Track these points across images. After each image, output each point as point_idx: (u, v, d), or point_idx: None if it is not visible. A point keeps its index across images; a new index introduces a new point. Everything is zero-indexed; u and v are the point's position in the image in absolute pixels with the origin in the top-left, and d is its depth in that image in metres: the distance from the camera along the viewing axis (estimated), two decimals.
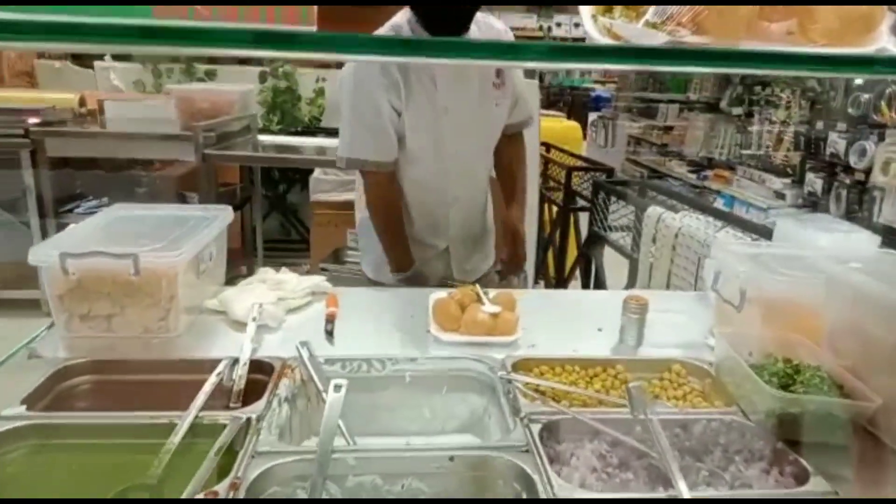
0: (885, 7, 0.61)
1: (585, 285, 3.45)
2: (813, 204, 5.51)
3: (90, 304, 1.37)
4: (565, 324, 1.59)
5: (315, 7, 0.56)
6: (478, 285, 1.61)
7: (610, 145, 9.91)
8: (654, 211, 2.51)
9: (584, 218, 3.68)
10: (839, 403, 1.09)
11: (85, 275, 1.34)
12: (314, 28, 0.54)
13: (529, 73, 6.05)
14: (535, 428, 1.08)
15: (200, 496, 0.88)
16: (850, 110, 5.21)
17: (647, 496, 1.00)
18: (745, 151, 6.92)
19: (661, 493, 0.97)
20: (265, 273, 1.72)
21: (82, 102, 4.39)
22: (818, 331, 1.28)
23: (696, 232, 2.19)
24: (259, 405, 1.13)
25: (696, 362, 1.35)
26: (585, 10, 0.58)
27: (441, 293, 1.60)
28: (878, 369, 1.14)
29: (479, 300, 1.53)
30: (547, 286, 3.32)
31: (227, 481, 0.91)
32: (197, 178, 3.64)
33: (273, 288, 1.62)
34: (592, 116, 10.73)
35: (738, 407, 1.19)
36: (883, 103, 4.96)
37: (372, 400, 1.30)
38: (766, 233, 2.05)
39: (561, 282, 3.97)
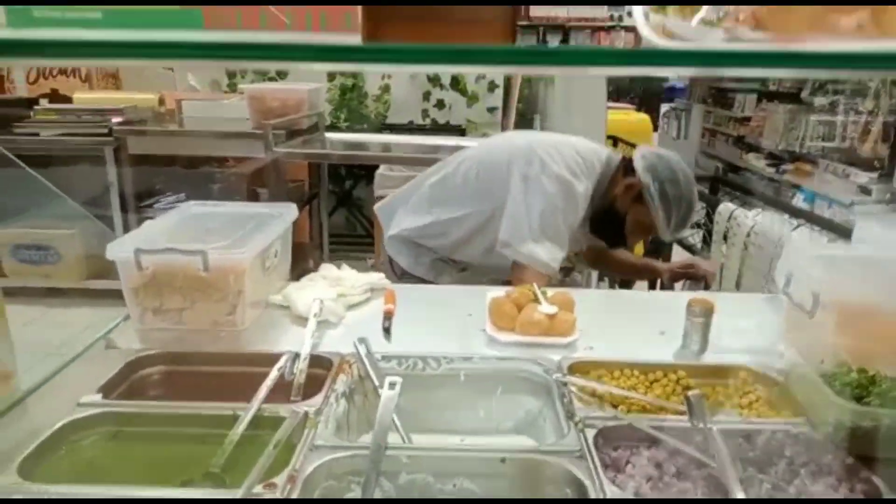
0: None
1: (651, 286, 3.35)
2: None
3: (162, 298, 1.44)
4: (625, 326, 1.56)
5: (359, 8, 0.56)
6: (535, 284, 1.59)
7: (683, 137, 9.58)
8: (725, 208, 2.42)
9: None
10: None
11: (158, 270, 1.41)
12: (358, 34, 0.54)
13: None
14: (590, 433, 1.07)
15: (259, 487, 0.91)
16: None
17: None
18: (827, 144, 6.56)
19: None
20: (326, 269, 1.76)
21: (161, 102, 4.62)
22: None
23: (770, 230, 2.09)
24: (317, 399, 1.16)
25: (764, 370, 1.29)
26: (638, 10, 0.56)
27: (498, 291, 1.59)
28: None
29: (536, 300, 1.51)
30: (611, 286, 3.26)
31: (285, 473, 0.94)
32: (267, 175, 3.76)
33: (333, 284, 1.66)
34: (665, 107, 10.41)
35: (807, 418, 1.13)
36: None
37: (427, 398, 1.31)
38: (845, 232, 1.94)
39: (626, 282, 3.87)
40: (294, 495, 0.92)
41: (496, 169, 1.97)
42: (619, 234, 2.02)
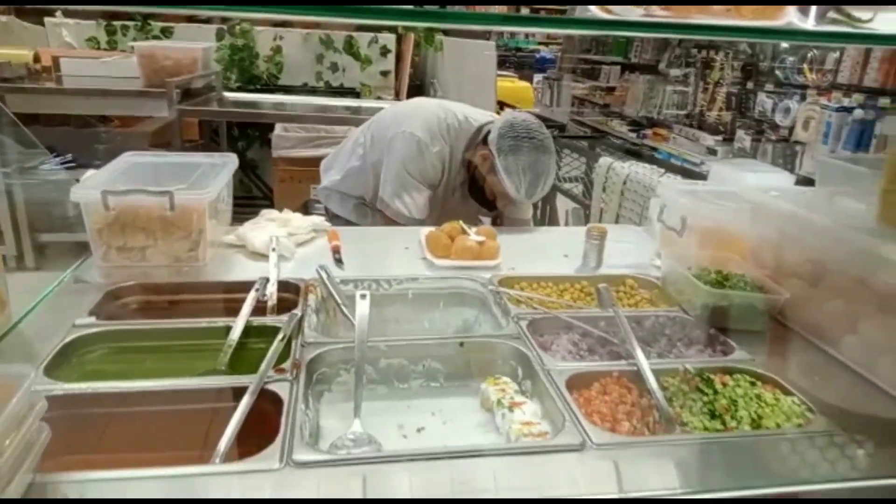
0: None
1: (542, 222, 3.75)
2: (741, 158, 5.97)
3: (126, 237, 1.54)
4: (537, 252, 1.86)
5: None
6: (461, 221, 1.86)
7: (555, 105, 10.21)
8: (604, 161, 2.81)
9: None
10: (756, 297, 1.41)
11: (123, 210, 1.51)
12: None
13: (484, 38, 6.21)
14: (524, 324, 1.35)
15: (272, 372, 1.11)
16: (777, 73, 5.65)
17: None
18: (681, 111, 7.35)
19: (623, 365, 1.24)
20: (269, 213, 1.92)
21: (37, 59, 4.34)
22: (746, 250, 1.59)
23: (643, 178, 2.49)
24: (298, 310, 1.35)
25: (645, 277, 1.65)
26: None
27: (429, 228, 1.84)
28: (788, 273, 1.45)
29: (465, 232, 1.78)
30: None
31: (289, 362, 1.14)
32: (166, 135, 3.72)
33: (282, 225, 1.83)
34: (537, 77, 11.00)
35: (680, 306, 1.49)
36: (805, 66, 5.41)
37: (381, 313, 1.54)
38: (702, 178, 2.36)
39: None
40: (301, 378, 1.12)
41: (382, 131, 2.23)
42: (486, 198, 2.18)
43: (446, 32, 6.40)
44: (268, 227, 1.79)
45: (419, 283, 1.58)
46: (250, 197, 5.44)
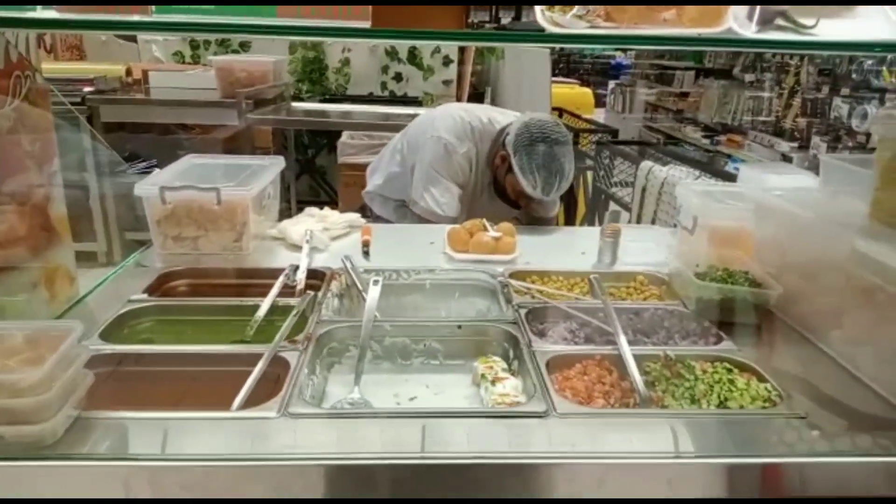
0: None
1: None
2: (816, 168, 5.75)
3: (181, 227, 1.76)
4: (556, 249, 1.96)
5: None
6: (484, 219, 1.97)
7: (628, 111, 10.11)
8: (645, 164, 2.85)
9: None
10: (747, 290, 1.45)
11: (178, 204, 1.73)
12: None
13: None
14: (523, 311, 1.46)
15: (285, 342, 1.27)
16: (853, 76, 5.43)
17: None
18: (756, 117, 7.14)
19: (607, 349, 1.32)
20: (311, 210, 2.11)
21: (128, 73, 4.79)
22: (749, 248, 1.63)
23: (677, 180, 2.52)
24: (319, 294, 1.51)
25: (657, 274, 1.71)
26: (537, 8, 0.93)
27: (454, 225, 1.97)
28: (788, 270, 1.49)
29: (485, 228, 1.89)
30: None
31: (302, 335, 1.30)
32: (238, 142, 4.03)
33: (319, 220, 2.01)
34: (611, 84, 10.92)
35: (680, 300, 1.55)
36: (884, 69, 5.18)
37: (400, 301, 1.68)
38: (734, 179, 2.37)
39: None
40: (309, 350, 1.27)
41: (415, 137, 2.39)
42: (508, 197, 2.27)
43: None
44: (306, 221, 1.97)
45: (436, 275, 1.71)
46: (317, 200, 5.76)
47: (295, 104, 4.75)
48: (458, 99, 5.53)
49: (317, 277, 1.66)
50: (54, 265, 1.45)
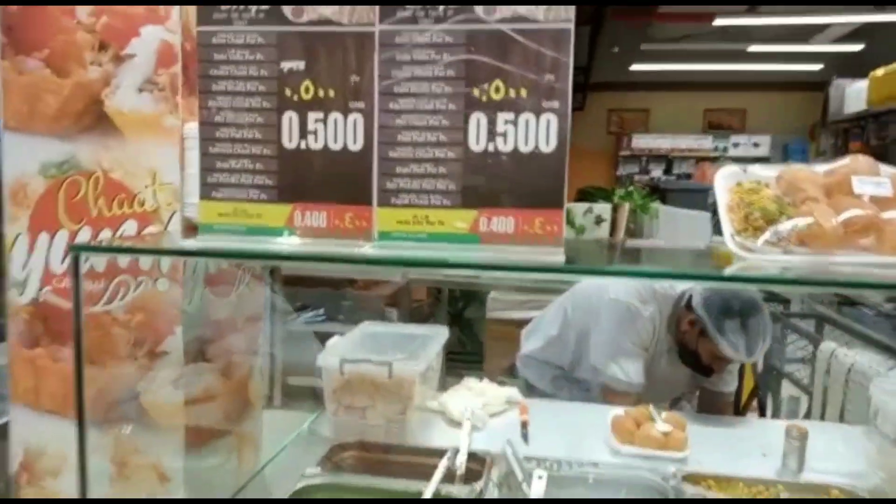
0: None
1: (762, 415, 3.46)
2: None
3: (353, 397, 1.86)
4: (731, 448, 1.80)
5: None
6: (651, 406, 1.88)
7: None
8: (827, 346, 2.60)
9: None
10: None
11: (353, 375, 1.84)
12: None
13: (703, 205, 6.22)
14: None
15: None
16: None
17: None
18: None
19: None
20: (468, 382, 2.14)
21: None
22: None
23: (868, 369, 2.27)
24: (479, 484, 1.50)
25: (854, 489, 1.50)
26: (727, 231, 0.94)
27: (617, 410, 1.90)
28: None
29: (652, 419, 1.80)
30: None
31: None
32: (400, 296, 4.28)
33: (478, 395, 2.03)
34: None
35: None
36: None
37: (560, 495, 1.61)
38: None
39: (737, 412, 3.96)
40: None
41: (585, 300, 2.37)
42: (702, 364, 2.16)
43: (664, 200, 6.54)
44: (466, 396, 2.00)
45: (600, 469, 1.63)
46: (465, 353, 5.84)
47: None
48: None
49: (476, 461, 1.65)
50: (246, 433, 1.58)
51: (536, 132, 0.91)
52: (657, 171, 11.46)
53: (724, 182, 0.99)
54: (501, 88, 0.91)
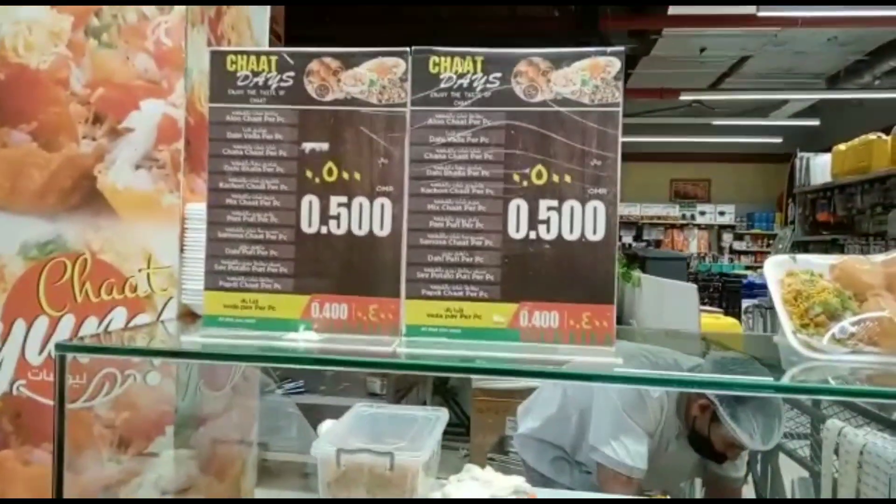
0: None
1: (761, 489, 3.35)
2: None
3: (349, 490, 1.71)
4: None
5: None
6: (667, 494, 1.77)
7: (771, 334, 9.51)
8: (833, 424, 2.53)
9: None
10: None
11: (350, 466, 1.70)
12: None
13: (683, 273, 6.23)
14: None
15: None
16: None
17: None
18: None
19: None
20: (474, 472, 2.00)
21: None
22: None
23: (884, 452, 2.19)
24: None
25: None
26: (787, 328, 0.87)
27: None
28: None
29: None
30: None
31: None
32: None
33: (484, 485, 1.89)
34: (746, 303, 10.47)
35: None
36: None
37: None
38: None
39: None
40: None
41: None
42: (714, 450, 2.05)
43: (643, 269, 6.57)
44: (472, 486, 1.86)
45: None
46: (449, 423, 5.65)
47: None
48: None
49: None
50: None
51: (583, 219, 0.84)
52: (628, 238, 11.69)
53: (774, 271, 0.93)
54: (544, 174, 0.85)
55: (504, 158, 0.86)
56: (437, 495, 1.87)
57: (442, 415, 2.03)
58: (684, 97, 8.29)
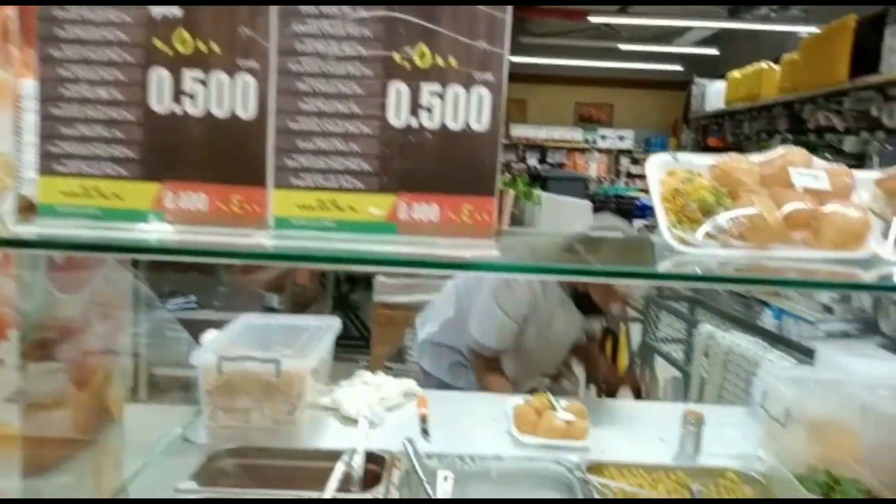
0: (869, 221, 0.88)
1: (637, 391, 3.62)
2: (861, 321, 5.54)
3: (234, 399, 1.66)
4: (630, 433, 1.81)
5: None
6: (549, 394, 1.85)
7: None
8: (704, 328, 2.74)
9: (635, 329, 3.89)
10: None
11: (233, 374, 1.64)
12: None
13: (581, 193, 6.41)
14: None
15: None
16: None
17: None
18: None
19: None
20: (364, 377, 2.00)
21: None
22: (859, 450, 1.48)
23: (746, 351, 2.40)
24: (379, 490, 1.38)
25: (748, 472, 1.55)
26: (662, 223, 0.87)
27: (517, 399, 1.85)
28: None
29: (553, 407, 1.77)
30: (598, 395, 3.54)
31: None
32: (281, 280, 4.02)
33: (374, 389, 1.90)
34: (638, 224, 11.03)
35: None
36: None
37: (464, 492, 1.52)
38: (808, 352, 2.25)
39: (611, 391, 4.14)
40: None
41: (471, 276, 2.34)
42: (594, 304, 2.23)
43: (544, 188, 6.69)
44: (361, 391, 1.86)
45: (504, 463, 1.57)
46: (349, 337, 5.67)
47: None
48: None
49: (375, 462, 1.52)
50: (104, 445, 1.35)
51: (467, 107, 0.79)
52: (533, 160, 11.88)
53: (656, 171, 0.92)
54: (427, 55, 0.78)
55: (384, 35, 0.78)
56: (326, 401, 1.86)
57: (333, 323, 2.00)
58: (592, 19, 8.26)
